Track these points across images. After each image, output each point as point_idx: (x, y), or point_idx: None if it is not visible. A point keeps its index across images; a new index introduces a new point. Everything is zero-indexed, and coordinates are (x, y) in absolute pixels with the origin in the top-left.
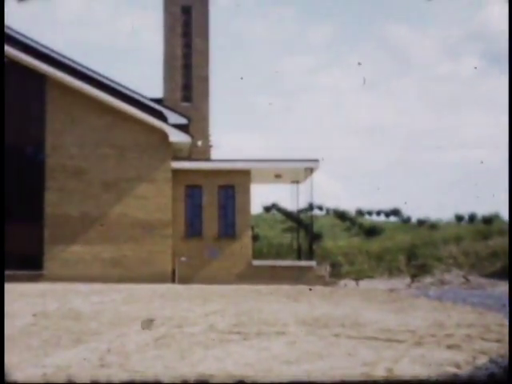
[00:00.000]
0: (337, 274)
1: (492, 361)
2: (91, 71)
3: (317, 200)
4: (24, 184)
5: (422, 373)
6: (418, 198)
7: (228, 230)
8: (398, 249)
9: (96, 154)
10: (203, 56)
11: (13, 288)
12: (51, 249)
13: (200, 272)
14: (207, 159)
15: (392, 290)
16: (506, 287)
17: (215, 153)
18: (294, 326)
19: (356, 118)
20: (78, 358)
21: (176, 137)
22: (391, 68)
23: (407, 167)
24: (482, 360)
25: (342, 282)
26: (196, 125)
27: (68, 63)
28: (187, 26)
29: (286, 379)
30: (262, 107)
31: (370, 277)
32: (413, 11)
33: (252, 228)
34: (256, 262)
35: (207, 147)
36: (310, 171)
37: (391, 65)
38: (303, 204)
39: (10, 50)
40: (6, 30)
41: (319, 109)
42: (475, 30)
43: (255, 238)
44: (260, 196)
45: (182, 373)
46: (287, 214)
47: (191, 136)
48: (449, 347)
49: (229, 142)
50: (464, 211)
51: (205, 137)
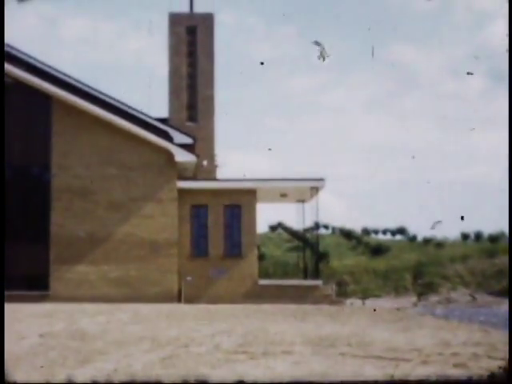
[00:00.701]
0: (343, 293)
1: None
2: (97, 91)
3: (323, 219)
4: (30, 204)
5: None
6: (424, 217)
7: (234, 250)
8: (405, 267)
9: (102, 174)
10: (208, 76)
11: (19, 308)
12: (57, 269)
13: (206, 291)
14: (213, 179)
15: (398, 309)
16: None
17: (221, 172)
18: (301, 346)
19: (361, 137)
20: (85, 378)
21: (182, 156)
22: (396, 87)
23: (413, 186)
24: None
25: (349, 301)
26: (201, 144)
27: (73, 83)
28: (192, 46)
29: (286, 379)
30: (268, 126)
31: (377, 295)
32: (417, 31)
33: (258, 247)
34: (262, 282)
35: (213, 167)
36: (316, 190)
37: (396, 84)
38: (309, 223)
39: (16, 71)
40: (11, 51)
41: (324, 128)
42: (480, 49)
43: (261, 258)
44: (266, 215)
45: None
46: (293, 233)
47: (197, 156)
48: (455, 366)
49: (234, 162)
50: (470, 229)
51: (210, 156)
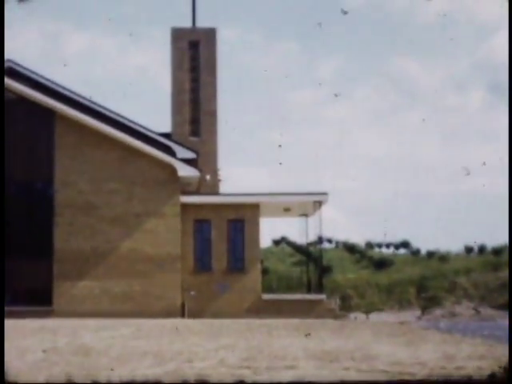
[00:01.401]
0: (347, 307)
1: None
2: (99, 106)
3: (326, 233)
4: (33, 220)
5: None
6: (428, 230)
7: (237, 264)
8: (408, 281)
9: (105, 189)
10: (211, 90)
11: (22, 324)
12: (60, 284)
13: (209, 306)
14: (216, 193)
15: (402, 323)
16: None
17: (224, 187)
18: (304, 360)
19: (364, 151)
20: None
21: (184, 171)
22: (398, 100)
23: (416, 199)
24: None
25: (352, 315)
26: (204, 159)
27: (76, 98)
28: (195, 61)
29: (286, 379)
30: (270, 140)
31: (380, 309)
32: (419, 44)
33: (261, 262)
34: (266, 296)
35: (216, 181)
36: (319, 204)
37: (398, 97)
38: (312, 237)
39: (19, 86)
40: (14, 66)
41: (327, 142)
42: (482, 63)
43: (264, 272)
44: (269, 230)
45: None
46: (296, 248)
47: (200, 170)
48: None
49: (237, 176)
50: (473, 242)
51: (213, 171)
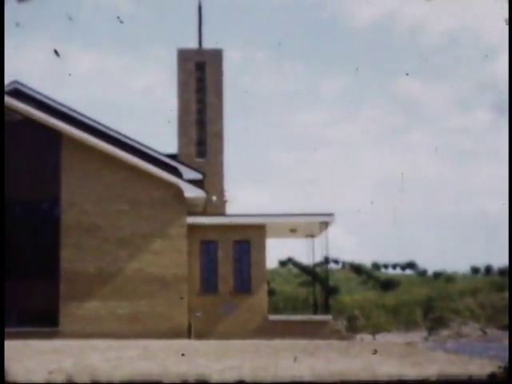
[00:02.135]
0: (353, 328)
1: None
2: (106, 127)
3: (332, 253)
4: (39, 240)
5: None
6: (434, 251)
7: (244, 285)
8: (415, 302)
9: (111, 210)
10: (217, 111)
11: (29, 345)
12: (67, 305)
13: (216, 327)
14: (222, 214)
15: (409, 344)
16: None
17: (230, 207)
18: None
19: (369, 171)
20: None
21: (191, 192)
22: (403, 121)
23: (422, 219)
24: None
25: (359, 336)
26: (211, 180)
27: (82, 119)
28: (201, 82)
29: (286, 379)
30: (277, 161)
31: (387, 330)
32: (424, 64)
33: (268, 283)
34: (272, 317)
35: (222, 202)
36: (325, 225)
37: (403, 118)
38: (319, 258)
39: (25, 108)
40: (21, 87)
41: (332, 162)
42: (486, 83)
43: (271, 293)
44: (275, 250)
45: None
46: (303, 268)
47: (206, 191)
48: None
49: (243, 196)
50: (480, 263)
51: (220, 192)
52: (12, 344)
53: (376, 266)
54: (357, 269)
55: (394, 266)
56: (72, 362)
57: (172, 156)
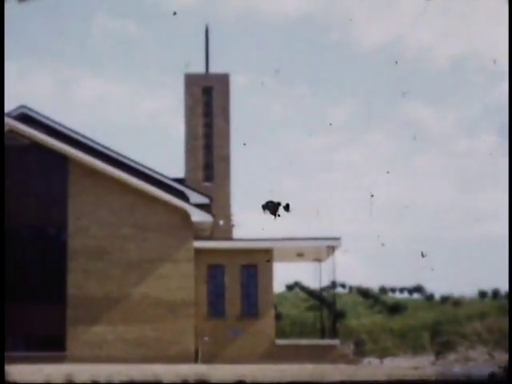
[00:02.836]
0: (360, 352)
1: None
2: (113, 152)
3: (339, 278)
4: (46, 265)
5: None
6: (441, 275)
7: (251, 310)
8: (422, 326)
9: (118, 235)
10: (224, 136)
11: (36, 370)
12: (74, 330)
13: (223, 352)
14: (229, 238)
15: (416, 368)
16: None
17: (237, 232)
18: None
19: (376, 195)
20: None
21: (198, 216)
22: (410, 145)
23: (429, 244)
24: None
25: (366, 360)
26: (218, 204)
27: (89, 144)
28: (208, 106)
29: (286, 379)
30: (284, 185)
31: (394, 354)
32: (431, 88)
33: (275, 307)
34: (279, 342)
35: (229, 226)
36: (332, 249)
37: (410, 142)
38: (326, 282)
39: (33, 132)
40: (28, 112)
41: (339, 186)
42: (492, 106)
43: (278, 317)
44: (282, 275)
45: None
46: (310, 293)
47: (213, 215)
48: None
49: (251, 221)
50: (487, 287)
51: (227, 216)
52: (19, 369)
53: (383, 290)
54: (364, 293)
55: (402, 290)
56: None
57: (179, 180)
